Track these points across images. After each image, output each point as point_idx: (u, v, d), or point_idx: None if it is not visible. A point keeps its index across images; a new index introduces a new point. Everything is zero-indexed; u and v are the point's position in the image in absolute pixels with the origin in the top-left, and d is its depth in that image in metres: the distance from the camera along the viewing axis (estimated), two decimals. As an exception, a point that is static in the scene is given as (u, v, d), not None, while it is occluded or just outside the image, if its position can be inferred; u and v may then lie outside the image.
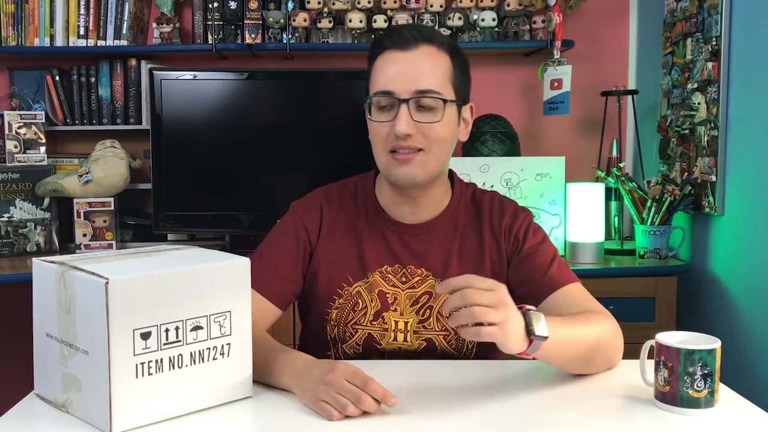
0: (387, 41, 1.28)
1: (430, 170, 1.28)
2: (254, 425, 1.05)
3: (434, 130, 1.25)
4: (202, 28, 2.63)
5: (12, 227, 2.43)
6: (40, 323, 1.04)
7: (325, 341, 1.34)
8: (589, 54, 2.71)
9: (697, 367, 1.03)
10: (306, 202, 1.39)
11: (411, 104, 1.24)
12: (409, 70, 1.25)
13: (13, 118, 2.48)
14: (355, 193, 1.39)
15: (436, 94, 1.25)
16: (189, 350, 1.00)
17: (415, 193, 1.32)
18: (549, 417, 1.05)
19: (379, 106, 1.27)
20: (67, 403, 1.02)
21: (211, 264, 1.04)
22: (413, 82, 1.24)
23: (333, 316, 1.32)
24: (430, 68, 1.26)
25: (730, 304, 2.10)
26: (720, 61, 2.10)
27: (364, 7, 2.54)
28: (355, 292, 1.32)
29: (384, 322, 1.31)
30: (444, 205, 1.36)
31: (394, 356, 1.32)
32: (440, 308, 1.31)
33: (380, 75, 1.27)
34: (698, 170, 2.21)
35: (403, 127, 1.23)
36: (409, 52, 1.26)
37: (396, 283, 1.32)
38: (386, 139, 1.26)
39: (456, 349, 1.32)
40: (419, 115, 1.25)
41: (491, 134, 2.47)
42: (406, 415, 1.04)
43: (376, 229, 1.35)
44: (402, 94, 1.24)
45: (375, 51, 1.30)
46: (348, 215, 1.37)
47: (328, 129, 2.44)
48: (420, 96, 1.24)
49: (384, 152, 1.27)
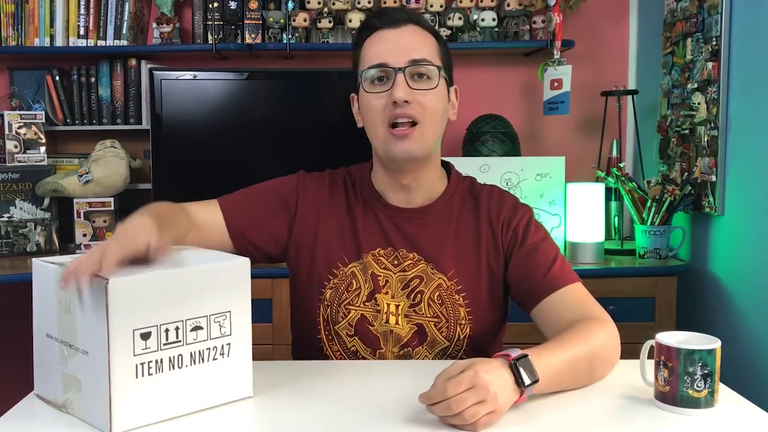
0: (376, 22, 1.31)
1: (426, 145, 1.29)
2: (254, 425, 1.05)
3: (429, 98, 1.27)
4: (202, 28, 2.63)
5: (12, 227, 2.43)
6: (40, 323, 1.04)
7: (316, 323, 1.33)
8: (589, 54, 2.72)
9: (697, 367, 1.03)
10: (312, 177, 1.42)
11: (407, 73, 1.26)
12: (401, 44, 1.28)
13: (13, 118, 2.48)
14: (353, 178, 1.41)
15: (430, 62, 1.28)
16: (189, 350, 1.00)
17: (410, 175, 1.33)
18: (549, 417, 1.05)
19: (371, 80, 1.29)
20: (67, 404, 1.02)
21: (211, 264, 1.04)
22: (406, 53, 1.27)
23: (327, 296, 1.33)
24: (420, 42, 1.29)
25: (730, 304, 2.10)
26: (720, 61, 2.10)
27: (364, 7, 2.54)
28: (349, 273, 1.33)
29: (377, 304, 1.31)
30: (439, 192, 1.37)
31: (386, 339, 1.32)
32: (431, 294, 1.31)
33: (371, 52, 1.30)
34: (698, 170, 2.21)
35: (401, 92, 1.24)
36: (399, 29, 1.30)
37: (388, 266, 1.33)
38: (383, 111, 1.27)
39: (447, 338, 1.31)
40: (415, 84, 1.27)
41: (491, 134, 2.47)
42: (406, 414, 1.04)
43: (370, 212, 1.36)
44: (396, 63, 1.26)
45: (363, 34, 1.33)
46: (347, 198, 1.38)
47: (328, 129, 2.44)
48: (415, 64, 1.27)
49: (382, 126, 1.28)
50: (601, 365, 1.17)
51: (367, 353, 1.32)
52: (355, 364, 1.29)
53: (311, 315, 1.34)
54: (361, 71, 1.31)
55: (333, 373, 1.22)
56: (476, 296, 1.32)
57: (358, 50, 1.34)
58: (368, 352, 1.32)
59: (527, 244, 1.32)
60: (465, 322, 1.31)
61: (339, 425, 1.01)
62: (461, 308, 1.31)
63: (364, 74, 1.30)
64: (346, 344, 1.33)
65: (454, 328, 1.31)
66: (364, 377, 1.21)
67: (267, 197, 1.38)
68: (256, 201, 1.38)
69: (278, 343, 2.14)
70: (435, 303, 1.31)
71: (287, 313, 1.45)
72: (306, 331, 1.36)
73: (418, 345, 1.32)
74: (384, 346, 1.32)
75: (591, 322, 1.20)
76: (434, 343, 1.32)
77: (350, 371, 1.24)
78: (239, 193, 1.40)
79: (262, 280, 2.16)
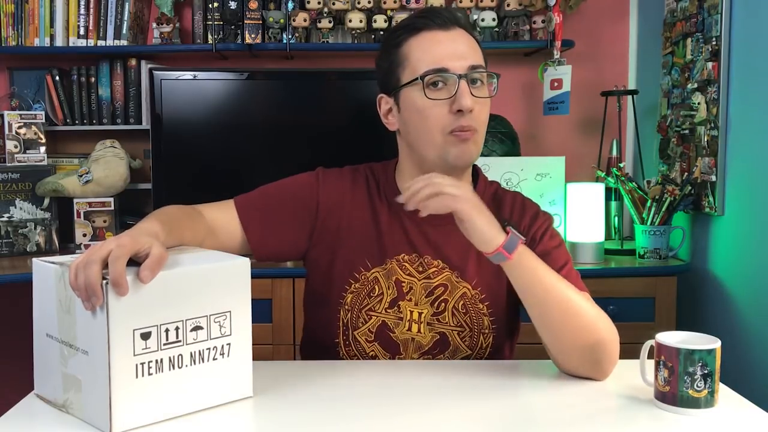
0: (425, 21, 1.26)
1: (479, 150, 1.28)
2: (254, 425, 1.05)
3: (485, 106, 1.26)
4: (202, 28, 2.63)
5: (12, 227, 2.43)
6: (40, 323, 1.04)
7: (335, 327, 1.31)
8: (589, 54, 2.72)
9: (697, 367, 1.03)
10: (332, 175, 1.37)
11: (468, 80, 1.23)
12: (457, 48, 1.24)
13: (13, 118, 2.48)
14: (377, 179, 1.37)
15: (485, 68, 1.26)
16: (189, 350, 1.00)
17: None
18: (549, 417, 1.05)
19: (428, 84, 1.23)
20: (67, 404, 1.02)
21: (211, 264, 1.04)
22: (464, 58, 1.23)
23: (348, 300, 1.31)
24: (472, 47, 1.26)
25: (730, 304, 2.10)
26: (720, 61, 2.10)
27: (364, 7, 2.54)
28: (372, 278, 1.30)
29: (399, 311, 1.29)
30: None
31: (406, 347, 1.30)
32: (455, 303, 1.30)
33: (426, 55, 1.24)
34: (698, 170, 2.21)
35: (469, 101, 1.21)
36: (450, 32, 1.25)
37: (412, 272, 1.30)
38: (443, 118, 1.23)
39: (470, 346, 1.30)
40: (475, 90, 1.24)
41: (491, 134, 2.47)
42: (406, 414, 1.04)
43: (395, 217, 1.32)
44: (457, 69, 1.22)
45: (405, 34, 1.27)
46: (370, 198, 1.35)
47: (329, 129, 2.44)
48: (473, 72, 1.23)
49: (441, 133, 1.24)
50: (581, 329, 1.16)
51: (386, 359, 1.31)
52: (355, 364, 1.29)
53: (330, 319, 1.32)
54: (416, 76, 1.24)
55: (333, 373, 1.22)
56: (498, 305, 1.31)
57: (397, 50, 1.27)
58: (388, 358, 1.31)
59: (538, 249, 1.28)
60: (488, 331, 1.30)
61: (339, 425, 1.01)
62: (485, 317, 1.30)
63: (423, 79, 1.23)
64: (365, 350, 1.31)
65: (478, 337, 1.30)
66: (364, 377, 1.21)
67: (286, 202, 1.34)
68: (274, 208, 1.33)
69: (278, 343, 2.14)
70: (459, 312, 1.30)
71: (287, 313, 1.45)
72: (322, 333, 1.34)
73: (440, 353, 1.31)
74: (404, 353, 1.31)
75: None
76: (456, 351, 1.31)
77: (351, 371, 1.24)
78: (256, 196, 1.35)
79: (262, 280, 2.16)
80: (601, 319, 1.19)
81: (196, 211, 1.27)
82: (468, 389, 1.15)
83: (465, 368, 1.26)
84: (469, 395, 1.13)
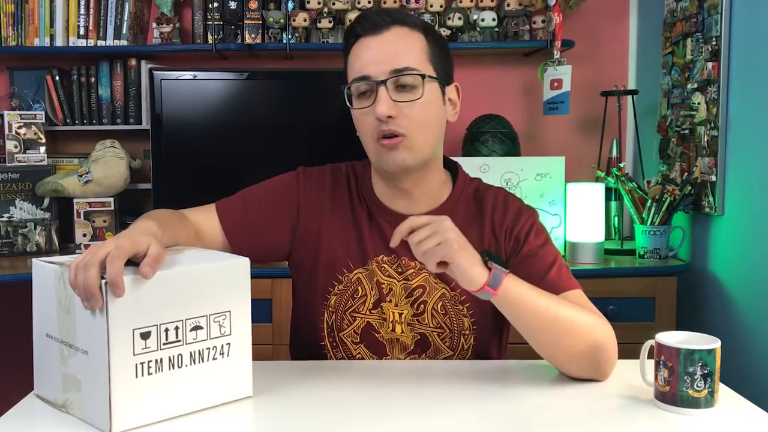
0: (359, 28, 1.25)
1: (419, 154, 1.24)
2: (254, 425, 1.05)
3: (416, 109, 1.21)
4: (202, 28, 2.63)
5: (12, 227, 2.43)
6: (40, 323, 1.04)
7: (319, 329, 1.31)
8: (589, 54, 2.72)
9: (697, 367, 1.03)
10: (312, 175, 1.37)
11: (389, 85, 1.20)
12: (383, 52, 1.22)
13: (13, 118, 2.48)
14: (357, 177, 1.37)
15: (413, 70, 1.21)
16: (189, 350, 1.00)
17: (409, 182, 1.28)
18: (549, 417, 1.05)
19: (357, 93, 1.24)
20: (67, 404, 1.02)
21: (211, 264, 1.04)
22: (388, 63, 1.21)
23: (332, 302, 1.30)
24: (404, 47, 1.23)
25: (730, 304, 2.10)
26: (720, 61, 2.10)
27: (364, 7, 2.54)
28: (355, 279, 1.30)
29: (383, 312, 1.29)
30: (443, 198, 1.32)
31: (392, 347, 1.30)
32: (434, 304, 1.29)
33: (356, 62, 1.24)
34: (698, 170, 2.21)
35: (383, 108, 1.19)
36: (381, 35, 1.23)
37: (392, 274, 1.30)
38: (370, 126, 1.23)
39: (450, 347, 1.30)
40: (399, 95, 1.21)
41: (491, 134, 2.47)
42: (405, 415, 1.04)
43: (373, 218, 1.32)
44: (378, 76, 1.21)
45: (349, 42, 1.28)
46: (350, 199, 1.34)
47: (328, 129, 2.44)
48: (397, 75, 1.20)
49: (372, 141, 1.24)
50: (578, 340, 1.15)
51: (373, 360, 1.31)
52: (355, 365, 1.29)
53: (315, 321, 1.32)
54: (346, 86, 1.26)
55: (333, 373, 1.22)
56: (480, 306, 1.28)
57: (346, 57, 1.29)
58: (374, 359, 1.31)
59: (524, 250, 1.28)
60: (469, 332, 1.30)
61: (339, 425, 1.01)
62: (465, 318, 1.29)
63: (349, 87, 1.25)
64: (351, 351, 1.31)
65: (458, 339, 1.30)
66: (364, 377, 1.20)
67: (266, 204, 1.34)
68: (255, 210, 1.33)
69: (278, 343, 2.14)
70: (438, 313, 1.29)
71: (287, 313, 1.45)
72: (308, 335, 1.34)
73: (422, 353, 1.30)
74: (390, 353, 1.31)
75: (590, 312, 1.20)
76: (437, 352, 1.30)
77: (350, 371, 1.24)
78: (237, 199, 1.35)
79: (262, 280, 2.16)
80: (596, 324, 1.18)
81: (183, 215, 1.28)
82: (468, 390, 1.15)
83: (466, 368, 1.26)
84: (469, 396, 1.13)
